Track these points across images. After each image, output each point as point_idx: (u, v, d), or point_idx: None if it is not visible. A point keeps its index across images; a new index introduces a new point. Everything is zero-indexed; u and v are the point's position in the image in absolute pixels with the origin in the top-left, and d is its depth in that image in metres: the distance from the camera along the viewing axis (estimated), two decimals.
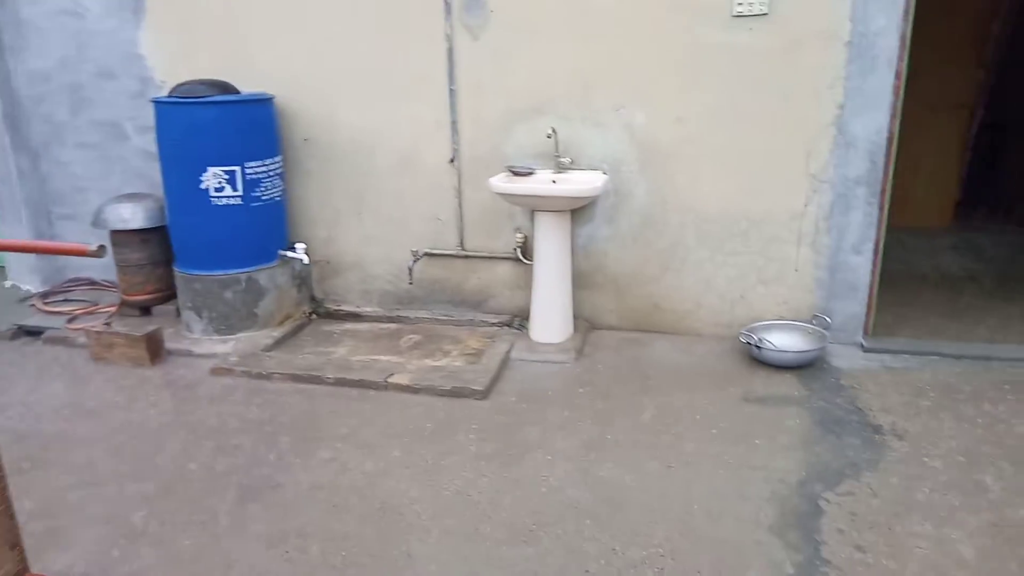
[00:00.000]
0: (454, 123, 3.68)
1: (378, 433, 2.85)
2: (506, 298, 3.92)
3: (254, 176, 3.62)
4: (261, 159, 3.64)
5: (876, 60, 3.17)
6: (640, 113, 3.46)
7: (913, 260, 4.73)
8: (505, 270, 3.87)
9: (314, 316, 4.15)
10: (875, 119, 3.23)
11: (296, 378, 3.35)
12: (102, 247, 1.67)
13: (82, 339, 3.74)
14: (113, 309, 4.15)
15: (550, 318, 3.58)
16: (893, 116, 3.23)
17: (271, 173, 3.71)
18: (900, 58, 3.15)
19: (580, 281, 3.74)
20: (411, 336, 3.87)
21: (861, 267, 3.41)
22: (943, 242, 5.17)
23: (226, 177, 3.54)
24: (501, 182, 3.39)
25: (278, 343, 3.77)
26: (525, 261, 3.74)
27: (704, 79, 3.35)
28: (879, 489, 2.37)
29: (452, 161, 3.75)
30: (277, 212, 3.82)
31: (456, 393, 3.14)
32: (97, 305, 4.28)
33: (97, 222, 3.94)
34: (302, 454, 2.72)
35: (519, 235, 3.74)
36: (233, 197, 3.58)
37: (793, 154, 3.34)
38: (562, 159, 3.56)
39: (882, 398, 2.98)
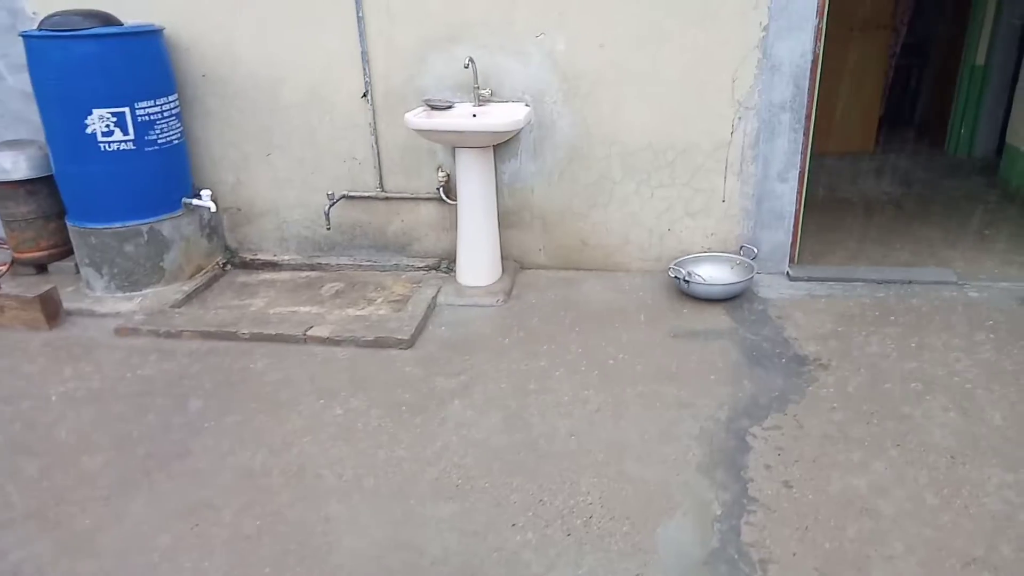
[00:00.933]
0: (364, 53, 3.42)
1: (296, 391, 2.71)
2: (431, 241, 3.76)
3: (147, 117, 3.30)
4: (153, 98, 3.32)
5: None
6: (562, 39, 3.28)
7: (837, 185, 4.76)
8: (429, 211, 3.70)
9: (228, 267, 3.91)
10: (800, 41, 3.14)
11: (208, 335, 3.15)
12: None
13: None
14: (4, 268, 3.82)
15: (477, 260, 3.45)
16: (817, 38, 3.15)
17: (166, 113, 3.40)
18: None
19: (506, 220, 3.61)
20: (332, 284, 3.69)
21: (786, 195, 3.37)
22: (866, 166, 5.22)
23: (114, 119, 3.22)
24: (418, 118, 3.19)
25: (189, 298, 3.54)
26: (449, 201, 3.57)
27: (628, 2, 3.17)
28: (804, 421, 2.38)
29: (365, 95, 3.50)
30: (177, 156, 3.52)
31: (379, 343, 3.01)
32: None
33: None
34: (214, 417, 2.56)
35: (441, 174, 3.56)
36: (124, 141, 3.27)
37: (718, 80, 3.23)
38: (482, 91, 3.36)
39: (808, 328, 2.99)
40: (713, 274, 3.37)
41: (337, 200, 3.69)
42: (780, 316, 3.10)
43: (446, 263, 3.72)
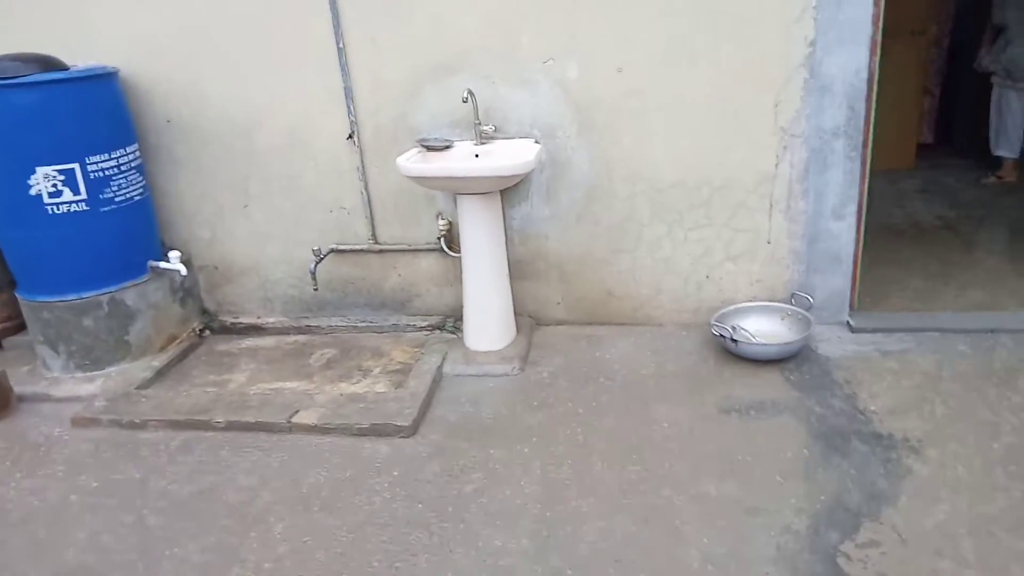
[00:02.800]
0: (348, 89, 2.98)
1: (277, 498, 2.24)
2: (434, 296, 3.31)
3: (100, 173, 2.87)
4: (107, 151, 2.88)
5: None
6: (573, 64, 2.84)
7: (882, 209, 4.29)
8: (430, 264, 3.25)
9: (207, 333, 3.46)
10: (854, 56, 2.68)
11: (177, 424, 2.70)
12: None
13: None
14: None
15: (486, 321, 2.99)
16: (873, 51, 2.70)
17: (124, 167, 2.96)
18: None
19: (519, 271, 3.15)
20: (323, 352, 3.23)
21: (843, 234, 2.91)
22: (909, 185, 4.75)
23: (61, 178, 2.79)
24: (411, 162, 2.74)
25: (159, 375, 3.09)
26: (451, 253, 3.12)
27: (649, 17, 2.73)
28: (907, 531, 1.90)
29: (351, 137, 3.06)
30: (139, 215, 3.08)
31: (376, 431, 2.55)
32: None
33: None
34: (176, 540, 2.09)
35: (442, 222, 3.11)
36: (76, 202, 2.84)
37: (758, 105, 2.78)
38: (484, 127, 2.92)
39: (885, 396, 2.51)
40: (762, 328, 2.90)
41: (324, 256, 3.24)
42: (848, 380, 2.62)
43: (451, 321, 3.26)
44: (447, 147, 2.91)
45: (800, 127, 2.78)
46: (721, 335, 2.78)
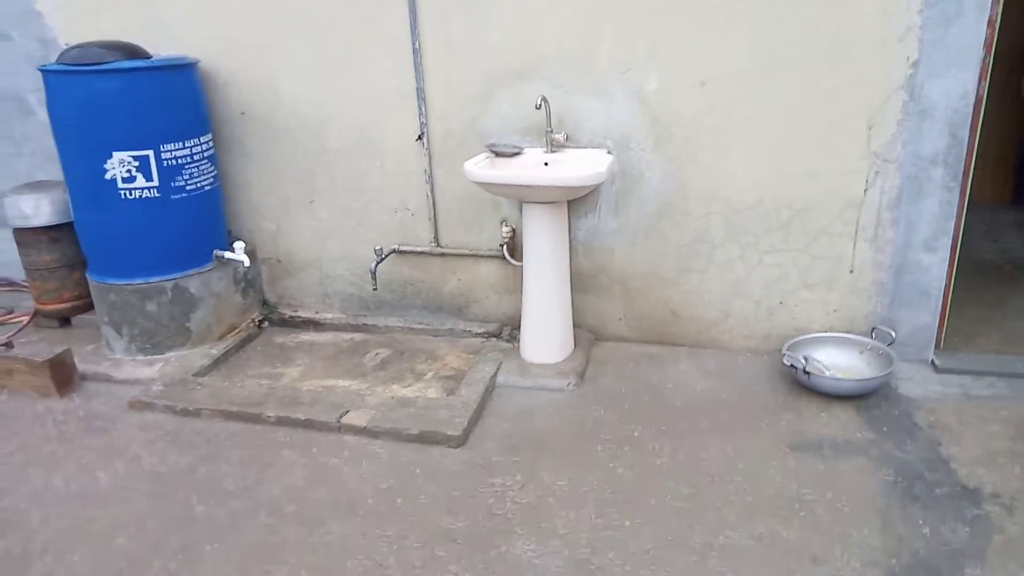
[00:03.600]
0: (420, 91, 2.94)
1: (322, 499, 2.20)
2: (492, 303, 3.24)
3: (173, 161, 2.91)
4: (181, 140, 2.92)
5: (963, 2, 2.43)
6: (653, 76, 2.73)
7: (973, 244, 4.02)
8: (490, 271, 3.18)
9: (265, 324, 3.47)
10: (959, 81, 2.50)
11: (229, 415, 2.69)
12: None
13: None
14: (25, 319, 3.48)
15: (545, 334, 2.90)
16: (983, 76, 2.51)
17: (197, 156, 2.99)
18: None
19: (581, 284, 3.06)
20: (378, 351, 3.20)
21: (934, 268, 2.71)
22: (1004, 219, 4.45)
23: (136, 164, 2.83)
24: (479, 167, 2.68)
25: (216, 363, 3.11)
26: (513, 262, 3.04)
27: (737, 30, 2.61)
28: None
29: (420, 138, 3.02)
30: (209, 204, 3.11)
31: (425, 439, 2.48)
32: (11, 313, 3.61)
33: None
34: (220, 535, 2.07)
35: (506, 229, 3.04)
36: (147, 188, 2.88)
37: (851, 126, 2.62)
38: (556, 135, 2.83)
39: (972, 445, 2.31)
40: (837, 361, 2.73)
41: (386, 256, 3.21)
42: (932, 425, 2.43)
43: (508, 330, 3.18)
44: (516, 154, 2.84)
45: (895, 152, 2.60)
46: (792, 365, 2.62)
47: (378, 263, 3.17)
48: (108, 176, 2.82)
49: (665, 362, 2.93)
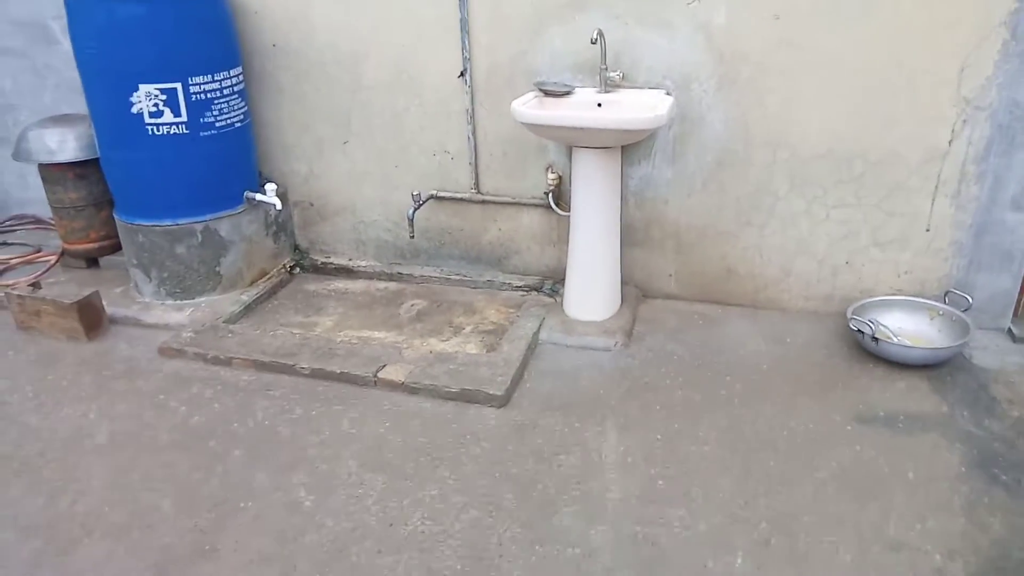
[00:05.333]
0: (464, 22, 2.72)
1: (357, 458, 2.10)
2: (534, 255, 3.07)
3: (203, 95, 2.74)
4: (211, 72, 2.74)
5: None
6: (722, 7, 2.48)
7: None
8: (533, 220, 3.00)
9: (297, 270, 3.35)
10: None
11: (261, 366, 2.59)
12: None
13: None
14: (52, 259, 3.39)
15: (591, 289, 2.74)
16: None
17: (227, 91, 2.82)
18: None
19: (630, 236, 2.87)
20: (414, 302, 3.07)
21: (1020, 228, 2.48)
22: None
23: (163, 97, 2.67)
24: (527, 107, 2.48)
25: (248, 309, 3.00)
26: (560, 212, 2.86)
27: None
28: None
29: (463, 75, 2.82)
30: (239, 142, 2.95)
31: (466, 397, 2.36)
32: (39, 252, 3.52)
33: (18, 152, 3.11)
34: (252, 491, 1.98)
35: (552, 175, 2.85)
36: (175, 124, 2.72)
37: (940, 69, 2.36)
38: (611, 73, 2.61)
39: None
40: (906, 326, 2.54)
41: (424, 202, 3.04)
42: (1010, 399, 2.25)
43: (550, 283, 3.03)
44: (567, 93, 2.63)
45: (988, 98, 2.35)
46: (859, 330, 2.44)
47: (415, 209, 3.00)
48: (134, 110, 2.66)
49: (718, 322, 2.76)
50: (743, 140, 2.62)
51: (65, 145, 3.07)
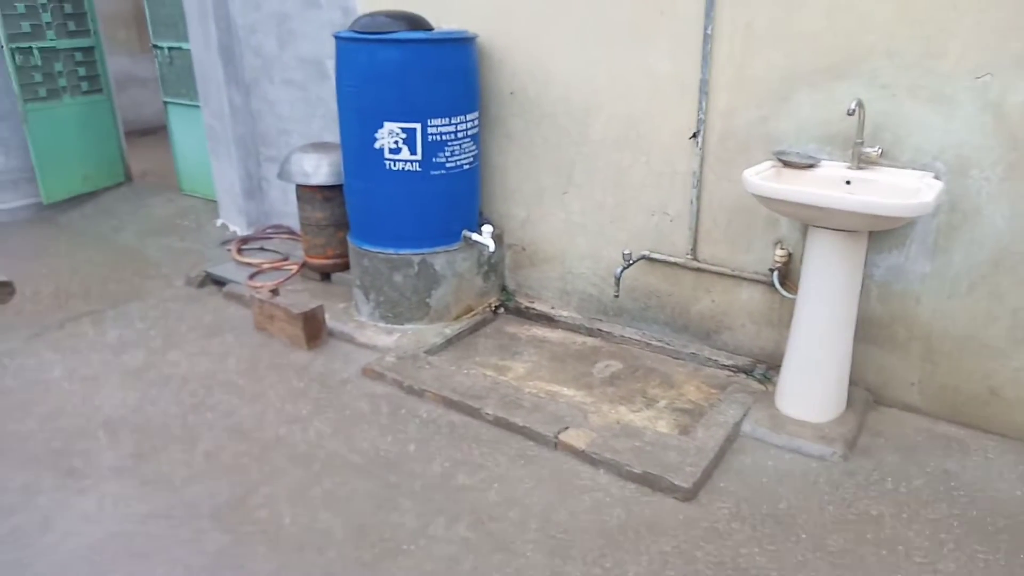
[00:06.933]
0: (704, 83, 2.56)
1: (525, 524, 2.00)
2: (748, 334, 2.80)
3: (437, 137, 2.86)
4: (448, 116, 2.86)
5: None
6: (1022, 85, 2.08)
7: None
8: (752, 296, 2.74)
9: (501, 310, 3.37)
10: None
11: (450, 403, 2.61)
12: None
13: None
14: (294, 269, 3.75)
15: (811, 383, 2.41)
16: None
17: (460, 134, 2.92)
18: None
19: (867, 331, 2.50)
20: (609, 363, 2.93)
21: None
22: None
23: (403, 136, 2.82)
24: (762, 177, 2.26)
25: (449, 343, 3.07)
26: (785, 293, 2.57)
27: None
28: None
29: (695, 136, 2.65)
30: (466, 184, 3.05)
31: (647, 481, 2.17)
32: (286, 260, 3.92)
33: (282, 172, 3.49)
34: (417, 537, 1.96)
35: (780, 251, 2.57)
36: (410, 161, 2.87)
37: None
38: (867, 148, 2.30)
39: None
40: None
41: (634, 261, 2.91)
42: None
43: (763, 368, 2.73)
44: (811, 166, 2.36)
45: None
46: None
47: (624, 268, 2.88)
48: (377, 145, 2.85)
49: (969, 452, 2.29)
50: None
51: (319, 170, 3.38)
